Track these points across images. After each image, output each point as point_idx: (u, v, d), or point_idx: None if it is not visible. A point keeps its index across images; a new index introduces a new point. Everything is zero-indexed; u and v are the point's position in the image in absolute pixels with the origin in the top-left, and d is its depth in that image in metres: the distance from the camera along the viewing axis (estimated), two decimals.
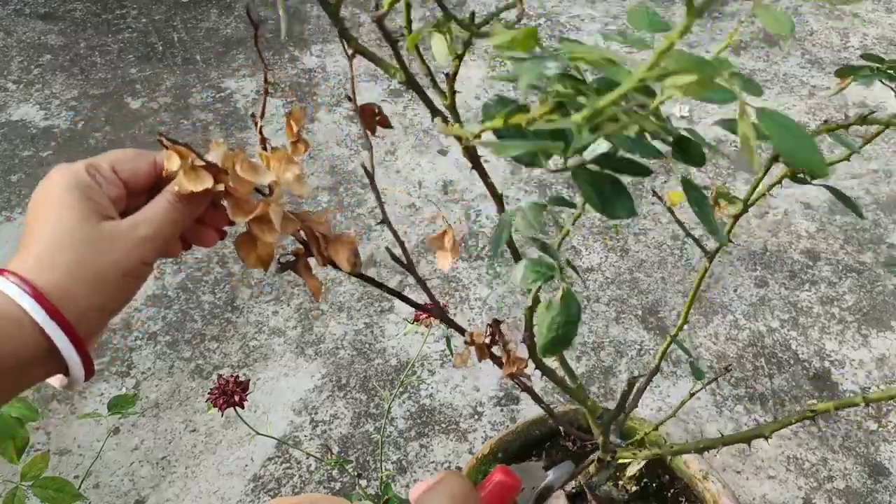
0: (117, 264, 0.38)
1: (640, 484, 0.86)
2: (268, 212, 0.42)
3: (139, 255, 0.39)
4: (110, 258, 0.38)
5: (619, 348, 1.38)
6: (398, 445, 1.24)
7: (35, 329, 0.36)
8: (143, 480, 1.19)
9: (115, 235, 0.39)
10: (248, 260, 0.44)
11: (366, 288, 1.48)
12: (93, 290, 0.38)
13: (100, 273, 0.38)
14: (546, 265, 0.40)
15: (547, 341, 0.39)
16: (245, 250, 0.44)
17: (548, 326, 0.39)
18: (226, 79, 2.04)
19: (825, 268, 1.52)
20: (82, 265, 0.38)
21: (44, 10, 2.32)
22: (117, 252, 0.38)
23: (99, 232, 0.38)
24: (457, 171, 1.74)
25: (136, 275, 0.40)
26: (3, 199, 1.69)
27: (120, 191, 0.41)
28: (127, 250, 0.39)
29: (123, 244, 0.39)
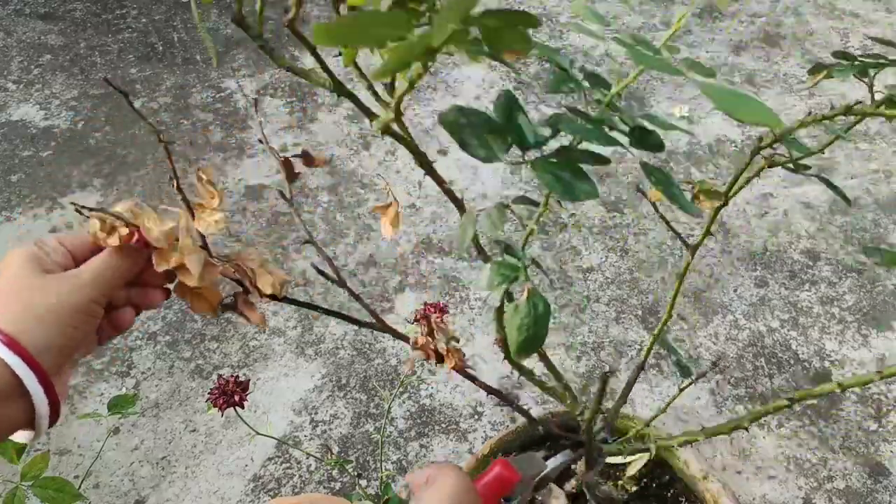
0: (66, 302, 0.43)
1: (640, 484, 0.86)
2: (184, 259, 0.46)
3: (86, 294, 0.44)
4: (60, 298, 0.43)
5: (619, 348, 1.38)
6: (398, 445, 1.24)
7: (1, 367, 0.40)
8: (143, 480, 1.19)
9: (62, 280, 0.44)
10: (198, 306, 0.49)
11: (366, 288, 1.48)
12: (46, 327, 0.42)
13: (51, 310, 0.42)
14: (510, 266, 0.40)
15: (518, 344, 0.39)
16: (191, 298, 0.49)
17: (517, 328, 0.39)
18: (226, 79, 2.04)
19: (825, 268, 1.52)
20: (35, 306, 0.42)
21: (44, 10, 2.32)
22: (66, 292, 0.43)
23: (47, 279, 0.43)
24: (457, 171, 1.74)
25: (86, 311, 0.44)
26: (3, 199, 1.69)
27: (66, 259, 0.46)
28: (75, 290, 0.44)
29: (71, 285, 0.44)
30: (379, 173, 1.74)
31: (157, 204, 0.43)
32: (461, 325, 1.41)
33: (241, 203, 1.67)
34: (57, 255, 0.45)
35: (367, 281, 1.50)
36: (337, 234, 1.60)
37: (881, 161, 1.78)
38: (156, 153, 1.80)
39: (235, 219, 1.64)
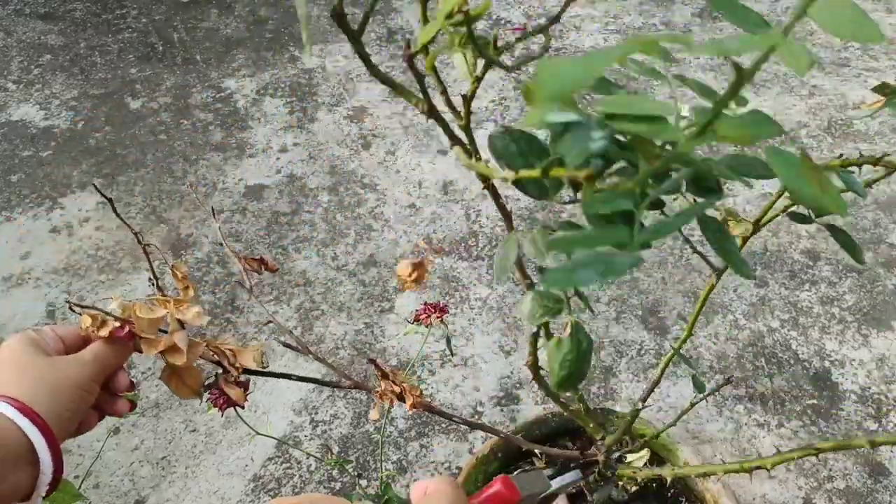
0: (71, 378, 0.48)
1: (640, 484, 0.86)
2: (174, 341, 0.52)
3: (88, 372, 0.50)
4: (63, 375, 0.48)
5: (619, 348, 1.38)
6: (398, 445, 1.24)
7: (17, 432, 0.44)
8: (143, 480, 1.19)
9: (65, 360, 0.49)
10: (181, 391, 0.54)
11: (366, 287, 1.48)
12: (54, 399, 0.47)
13: (56, 386, 0.47)
14: (553, 298, 0.38)
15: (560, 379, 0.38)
16: (174, 384, 0.54)
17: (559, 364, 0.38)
18: (226, 79, 2.04)
19: (825, 268, 1.52)
20: (42, 380, 0.47)
21: (44, 10, 2.31)
22: (68, 370, 0.48)
23: (53, 359, 0.49)
24: (457, 171, 1.74)
25: (86, 388, 0.49)
26: (3, 199, 1.69)
27: (59, 346, 0.51)
28: (77, 368, 0.49)
29: (73, 364, 0.49)
30: (378, 174, 1.74)
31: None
32: (461, 325, 1.41)
33: (242, 203, 1.67)
34: (52, 342, 0.51)
35: (367, 281, 1.50)
36: (337, 234, 1.60)
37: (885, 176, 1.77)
38: (156, 153, 1.80)
39: (235, 219, 1.64)
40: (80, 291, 1.48)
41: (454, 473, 1.20)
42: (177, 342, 0.53)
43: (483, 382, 1.33)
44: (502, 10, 2.30)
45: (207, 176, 1.74)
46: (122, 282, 1.50)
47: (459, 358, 1.36)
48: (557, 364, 0.38)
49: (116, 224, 1.62)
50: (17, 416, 0.44)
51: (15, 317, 1.44)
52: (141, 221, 1.63)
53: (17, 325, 1.42)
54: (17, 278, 1.51)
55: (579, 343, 0.38)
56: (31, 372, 0.47)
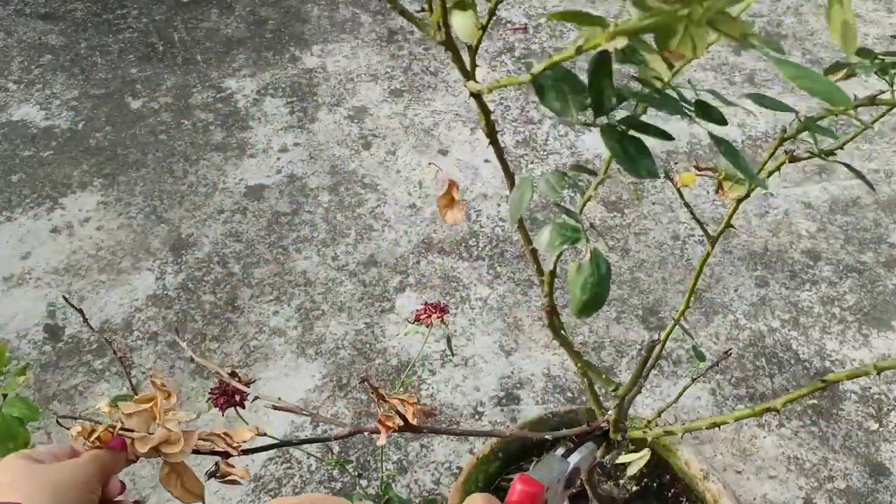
0: (71, 479, 0.49)
1: (640, 484, 0.86)
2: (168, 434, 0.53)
3: (86, 471, 0.50)
4: (64, 476, 0.49)
5: (619, 348, 1.38)
6: (399, 445, 1.24)
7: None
8: (144, 480, 1.19)
9: (63, 464, 0.50)
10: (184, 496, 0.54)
11: (366, 288, 1.48)
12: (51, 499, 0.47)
13: (58, 487, 0.48)
14: (571, 228, 0.40)
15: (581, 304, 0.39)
16: (175, 488, 0.54)
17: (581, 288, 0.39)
18: (226, 79, 2.04)
19: (826, 268, 1.52)
20: (43, 484, 0.47)
21: (44, 10, 2.32)
22: (68, 471, 0.49)
23: (48, 465, 0.49)
24: (457, 171, 1.74)
25: (88, 489, 0.50)
26: (4, 199, 1.69)
27: (52, 460, 0.51)
28: (77, 470, 0.50)
29: (72, 467, 0.50)
30: (378, 174, 1.74)
31: None
32: (462, 325, 1.41)
33: (242, 203, 1.67)
34: (45, 457, 0.51)
35: (368, 281, 1.50)
36: (337, 233, 1.60)
37: (881, 161, 1.78)
38: (156, 153, 1.80)
39: (235, 219, 1.64)
40: (81, 291, 1.48)
41: (454, 474, 1.20)
42: (171, 429, 0.52)
43: (483, 382, 1.33)
44: (503, 10, 2.30)
45: (208, 176, 1.74)
46: (122, 282, 1.50)
47: (460, 358, 1.36)
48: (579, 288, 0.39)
49: (117, 224, 1.62)
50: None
51: (15, 317, 1.44)
52: (141, 221, 1.63)
53: (17, 325, 1.42)
54: (17, 278, 1.51)
55: (598, 267, 0.39)
56: (33, 478, 0.47)
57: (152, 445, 0.52)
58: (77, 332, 1.41)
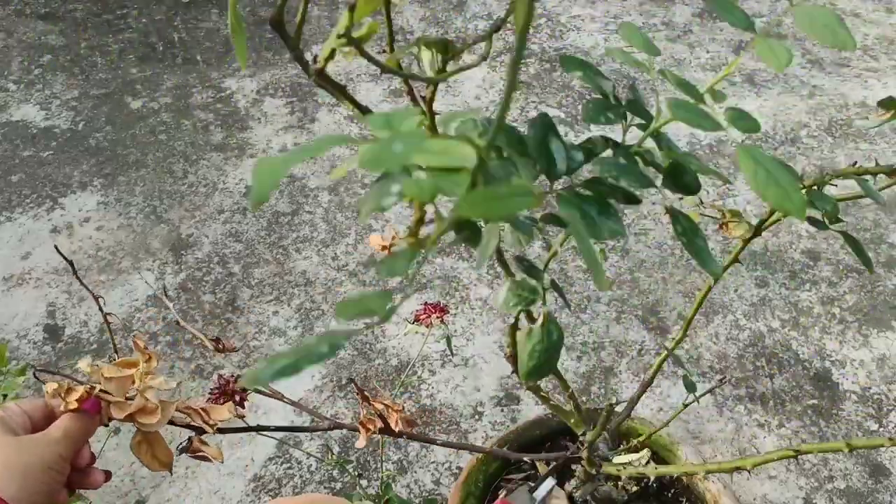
0: (39, 459, 0.47)
1: (640, 484, 0.86)
2: (145, 401, 0.51)
3: (56, 451, 0.48)
4: (32, 456, 0.47)
5: (619, 348, 1.37)
6: (399, 445, 1.24)
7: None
8: (144, 480, 1.19)
9: (33, 440, 0.48)
10: (151, 464, 0.53)
11: (366, 288, 1.48)
12: (21, 482, 0.46)
13: (26, 469, 0.46)
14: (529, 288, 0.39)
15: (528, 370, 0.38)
16: (144, 455, 0.53)
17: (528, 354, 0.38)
18: (226, 79, 2.04)
19: (826, 268, 1.52)
20: (11, 463, 0.46)
21: (44, 11, 2.32)
22: (37, 451, 0.47)
23: (20, 440, 0.47)
24: None
25: (56, 468, 0.48)
26: (4, 199, 1.69)
27: (25, 420, 0.50)
28: (46, 447, 0.48)
29: (42, 444, 0.48)
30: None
31: None
32: (461, 325, 1.41)
33: (242, 203, 1.67)
34: (18, 418, 0.50)
35: (368, 281, 1.50)
36: (337, 233, 1.60)
37: (881, 161, 1.77)
38: (156, 153, 1.80)
39: (235, 219, 1.64)
40: (81, 291, 1.48)
41: (454, 473, 1.20)
42: (149, 399, 0.51)
43: (483, 382, 1.33)
44: (502, 10, 2.30)
45: (208, 176, 1.74)
46: (122, 282, 1.50)
47: (460, 358, 1.36)
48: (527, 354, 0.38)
49: (117, 224, 1.62)
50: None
51: (15, 317, 1.44)
52: (141, 221, 1.63)
53: (17, 325, 1.42)
54: (17, 278, 1.51)
55: (550, 334, 0.38)
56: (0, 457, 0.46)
57: (128, 413, 0.51)
58: (77, 332, 1.41)
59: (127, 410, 0.51)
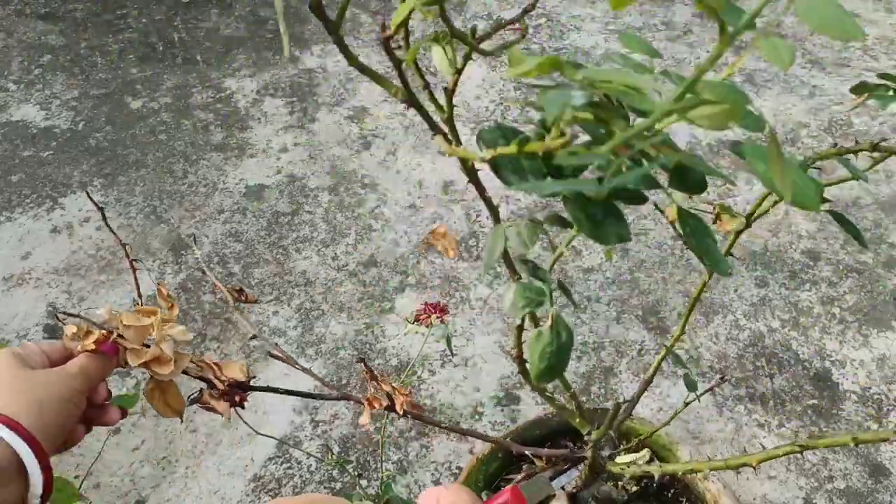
0: (57, 392, 0.48)
1: (640, 484, 0.86)
2: (160, 350, 0.52)
3: (73, 385, 0.49)
4: (50, 389, 0.48)
5: (619, 348, 1.37)
6: (399, 445, 1.24)
7: (3, 445, 0.43)
8: (144, 480, 1.19)
9: (51, 374, 0.49)
10: (163, 410, 0.54)
11: (366, 288, 1.48)
12: (40, 413, 0.46)
13: (43, 401, 0.47)
14: (536, 290, 0.38)
15: (539, 372, 0.38)
16: (157, 401, 0.54)
17: (539, 356, 0.38)
18: (226, 79, 2.04)
19: (826, 268, 1.52)
20: (29, 394, 0.46)
21: (44, 11, 2.32)
22: (55, 384, 0.48)
23: (36, 374, 0.48)
24: (457, 171, 1.74)
25: (73, 402, 0.49)
26: (4, 200, 1.69)
27: (44, 359, 0.51)
28: (63, 381, 0.49)
29: (59, 378, 0.49)
30: (378, 174, 1.74)
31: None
32: (461, 325, 1.41)
33: (242, 203, 1.67)
34: (36, 357, 0.50)
35: (368, 281, 1.50)
36: (337, 233, 1.60)
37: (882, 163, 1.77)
38: (156, 153, 1.80)
39: (235, 219, 1.64)
40: (81, 291, 1.48)
41: (454, 473, 1.20)
42: (164, 350, 0.52)
43: (483, 383, 1.33)
44: (502, 10, 2.30)
45: (208, 176, 1.74)
46: (122, 282, 1.50)
47: (460, 358, 1.36)
48: (537, 356, 0.38)
49: (117, 224, 1.62)
50: (4, 431, 0.44)
51: (15, 317, 1.44)
52: (141, 221, 1.63)
53: (17, 325, 1.42)
54: (17, 278, 1.51)
55: (559, 335, 0.38)
56: (16, 386, 0.46)
57: (143, 361, 0.52)
58: None
59: (142, 358, 0.52)
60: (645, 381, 0.67)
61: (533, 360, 0.38)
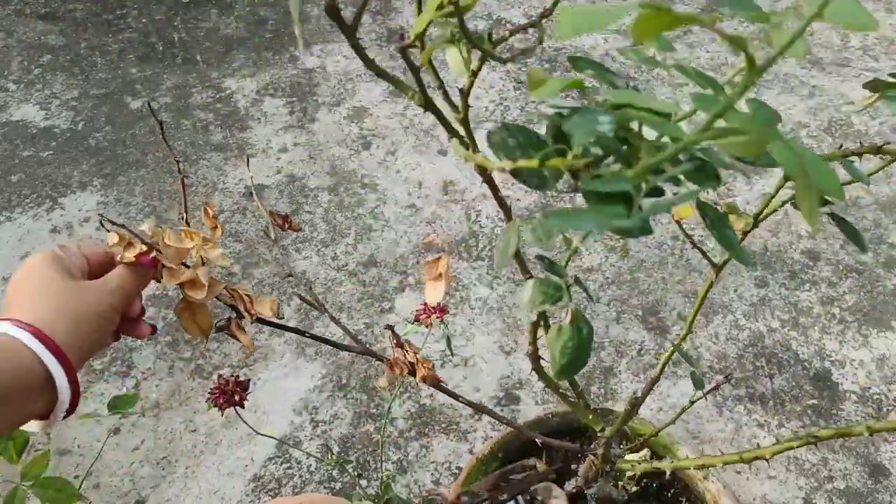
0: (92, 307, 0.47)
1: (640, 484, 0.86)
2: (196, 275, 0.52)
3: (110, 301, 0.48)
4: (86, 302, 0.47)
5: (619, 348, 1.38)
6: (398, 445, 1.24)
7: (32, 357, 0.43)
8: (144, 480, 1.19)
9: (89, 286, 0.48)
10: (191, 328, 0.54)
11: (366, 288, 1.48)
12: (74, 328, 0.45)
13: (79, 314, 0.46)
14: (553, 285, 0.38)
15: (560, 367, 0.38)
16: (186, 318, 0.54)
17: (560, 352, 0.37)
18: (226, 79, 2.04)
19: (825, 268, 1.52)
20: (64, 309, 0.46)
21: (44, 11, 2.32)
22: (92, 298, 0.47)
23: (76, 284, 0.47)
24: (457, 171, 1.74)
25: (108, 317, 0.48)
26: (4, 199, 1.69)
27: (83, 263, 0.50)
28: (100, 296, 0.48)
29: (97, 292, 0.48)
30: (378, 174, 1.74)
31: (170, 218, 0.44)
32: (461, 325, 1.41)
33: (242, 203, 1.67)
34: (77, 261, 0.49)
35: (368, 281, 1.50)
36: (337, 233, 1.60)
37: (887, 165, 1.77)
38: (156, 153, 1.80)
39: (235, 219, 1.64)
40: None
41: (454, 473, 1.20)
42: (199, 276, 0.52)
43: (483, 383, 1.33)
44: (502, 10, 2.30)
45: (207, 176, 1.74)
46: None
47: (459, 358, 1.36)
48: (558, 351, 0.38)
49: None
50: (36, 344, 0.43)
51: None
52: (142, 221, 1.63)
53: None
54: None
55: (579, 330, 0.38)
56: (53, 297, 0.46)
57: (179, 281, 0.52)
58: None
59: (179, 279, 0.52)
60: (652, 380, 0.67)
61: (554, 356, 0.38)
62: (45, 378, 0.43)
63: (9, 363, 0.42)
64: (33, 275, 0.47)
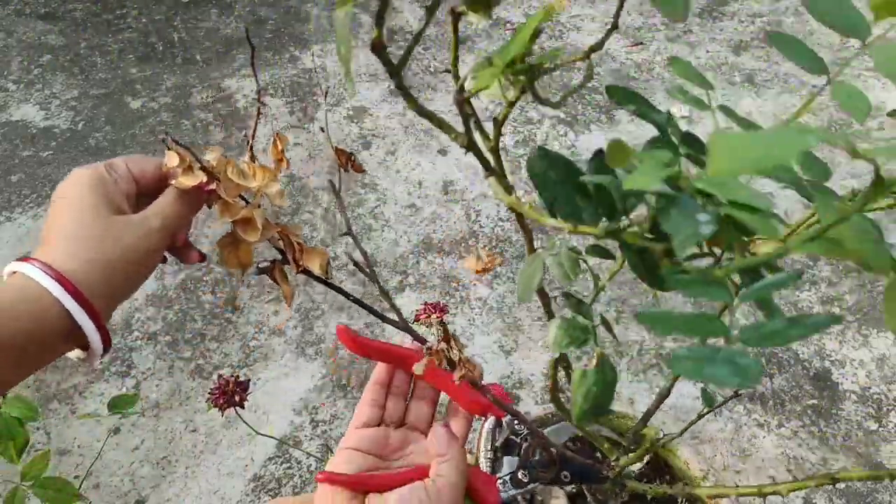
0: (133, 252, 0.43)
1: None
2: (252, 214, 0.47)
3: (147, 245, 0.44)
4: (127, 248, 0.43)
5: (619, 348, 1.38)
6: None
7: (58, 308, 0.40)
8: (144, 480, 1.19)
9: (127, 227, 0.43)
10: (230, 261, 0.49)
11: (366, 288, 1.48)
12: (105, 278, 0.42)
13: (111, 263, 0.42)
14: (580, 327, 0.37)
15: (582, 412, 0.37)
16: (227, 251, 0.49)
17: (584, 397, 0.36)
18: (226, 79, 2.04)
19: (825, 268, 1.52)
20: (96, 258, 0.42)
21: (44, 10, 2.32)
22: (131, 241, 0.43)
23: (113, 224, 0.42)
24: (457, 171, 1.74)
25: (145, 263, 0.44)
26: (4, 199, 1.69)
27: (131, 186, 0.46)
28: (138, 239, 0.43)
29: (135, 234, 0.43)
30: (378, 174, 1.74)
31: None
32: (461, 325, 1.41)
33: None
34: (123, 185, 0.45)
35: (368, 281, 1.50)
36: (337, 233, 1.60)
37: (881, 159, 1.77)
38: (156, 153, 1.80)
39: None
40: None
41: None
42: (255, 217, 0.47)
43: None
44: (502, 10, 2.30)
45: None
46: None
47: None
48: (581, 396, 0.36)
49: None
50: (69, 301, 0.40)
51: None
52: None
53: None
54: None
55: (605, 375, 0.36)
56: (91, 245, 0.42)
57: (233, 219, 0.48)
58: None
59: (234, 216, 0.47)
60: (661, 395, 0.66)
61: (576, 401, 0.36)
62: (73, 330, 0.41)
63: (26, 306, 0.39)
64: (73, 206, 0.42)
